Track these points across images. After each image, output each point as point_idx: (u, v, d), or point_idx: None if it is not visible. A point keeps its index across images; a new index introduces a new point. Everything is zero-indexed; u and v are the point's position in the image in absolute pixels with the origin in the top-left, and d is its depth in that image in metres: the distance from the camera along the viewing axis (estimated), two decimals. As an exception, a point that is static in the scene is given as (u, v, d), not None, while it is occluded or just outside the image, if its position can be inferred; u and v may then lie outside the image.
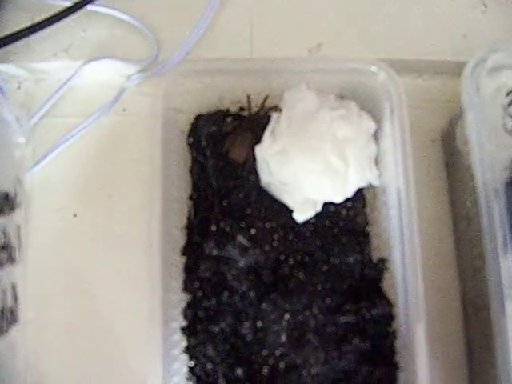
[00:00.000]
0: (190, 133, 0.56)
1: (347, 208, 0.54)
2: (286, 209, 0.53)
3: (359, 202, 0.55)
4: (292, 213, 0.53)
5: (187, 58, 0.59)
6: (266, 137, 0.52)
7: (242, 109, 0.57)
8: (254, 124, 0.55)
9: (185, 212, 0.54)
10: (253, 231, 0.52)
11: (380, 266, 0.52)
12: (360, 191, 0.54)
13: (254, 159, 0.54)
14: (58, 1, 0.57)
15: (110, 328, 0.54)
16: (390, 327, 0.50)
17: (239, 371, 0.49)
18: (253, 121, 0.55)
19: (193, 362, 0.50)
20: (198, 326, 0.50)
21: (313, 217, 0.53)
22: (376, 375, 0.49)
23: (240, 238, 0.51)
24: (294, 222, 0.53)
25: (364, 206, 0.55)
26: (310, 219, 0.53)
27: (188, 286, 0.51)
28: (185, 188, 0.55)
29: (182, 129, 0.56)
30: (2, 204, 0.48)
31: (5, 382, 0.47)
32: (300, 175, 0.51)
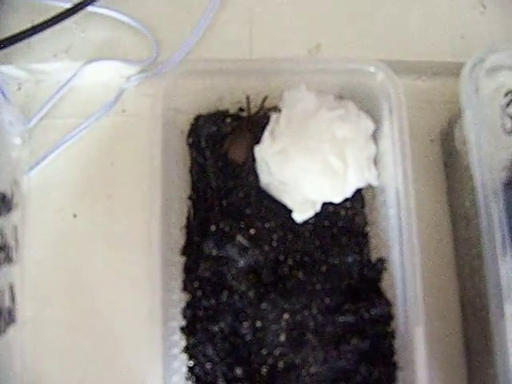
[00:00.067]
0: (190, 133, 0.56)
1: (346, 208, 0.54)
2: (285, 209, 0.53)
3: (358, 202, 0.55)
4: (291, 213, 0.53)
5: (187, 59, 0.59)
6: (266, 137, 0.52)
7: (241, 109, 0.57)
8: (253, 124, 0.55)
9: (184, 212, 0.54)
10: (252, 231, 0.52)
11: (379, 266, 0.52)
12: (359, 191, 0.54)
13: (253, 159, 0.54)
14: (58, 2, 0.58)
15: (109, 328, 0.54)
16: (389, 327, 0.50)
17: (238, 371, 0.49)
18: (252, 121, 0.55)
19: (192, 362, 0.50)
20: (197, 326, 0.50)
21: (312, 217, 0.53)
22: (375, 375, 0.49)
23: (239, 237, 0.51)
24: (293, 222, 0.53)
25: (363, 207, 0.55)
26: (309, 219, 0.53)
27: (187, 286, 0.51)
28: (184, 188, 0.55)
29: (181, 129, 0.56)
30: (-1, 205, 0.48)
31: (2, 382, 0.47)
32: (299, 175, 0.51)
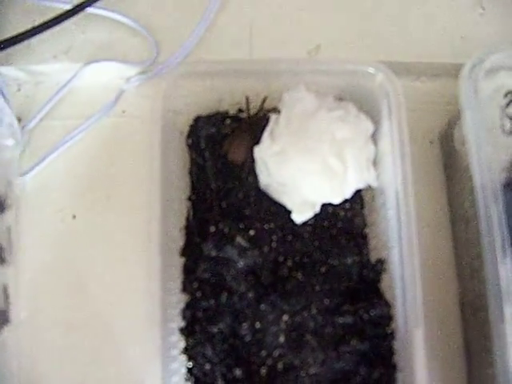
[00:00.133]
0: (190, 134, 0.56)
1: (345, 209, 0.54)
2: (284, 210, 0.53)
3: (357, 203, 0.55)
4: (291, 214, 0.53)
5: (187, 60, 0.59)
6: (265, 138, 0.52)
7: (240, 110, 0.57)
8: (252, 125, 0.55)
9: (184, 213, 0.54)
10: (252, 232, 0.52)
11: (378, 267, 0.52)
12: (358, 192, 0.54)
13: (252, 160, 0.54)
14: (58, 3, 0.58)
15: (108, 328, 0.54)
16: (389, 328, 0.50)
17: (237, 372, 0.49)
18: (251, 122, 0.55)
19: (191, 363, 0.50)
20: (196, 327, 0.50)
21: (311, 218, 0.53)
22: (374, 376, 0.49)
23: (239, 239, 0.51)
24: (292, 223, 0.53)
25: (362, 208, 0.55)
26: (308, 220, 0.53)
27: (187, 287, 0.51)
28: (184, 189, 0.55)
29: (181, 130, 0.56)
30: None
31: (-2, 382, 0.47)
32: (298, 176, 0.51)
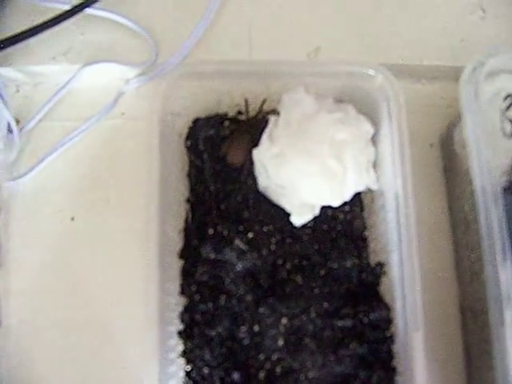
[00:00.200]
0: (188, 136, 0.56)
1: (345, 212, 0.54)
2: (283, 212, 0.53)
3: (357, 206, 0.55)
4: (290, 216, 0.53)
5: (186, 62, 0.59)
6: (264, 140, 0.52)
7: (239, 112, 0.57)
8: (251, 128, 0.55)
9: (182, 215, 0.54)
10: (250, 235, 0.52)
11: (378, 271, 0.52)
12: (358, 195, 0.54)
13: (251, 163, 0.54)
14: (57, 4, 0.58)
15: (106, 331, 0.54)
16: (388, 331, 0.50)
17: (236, 375, 0.48)
18: (251, 124, 0.55)
19: (189, 366, 0.49)
20: (194, 330, 0.50)
21: (310, 221, 0.53)
22: (374, 380, 0.48)
23: (237, 241, 0.51)
24: (291, 225, 0.53)
25: (362, 210, 0.55)
26: (307, 223, 0.53)
27: (185, 290, 0.51)
28: (182, 191, 0.55)
29: (180, 132, 0.56)
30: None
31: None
32: (297, 178, 0.50)
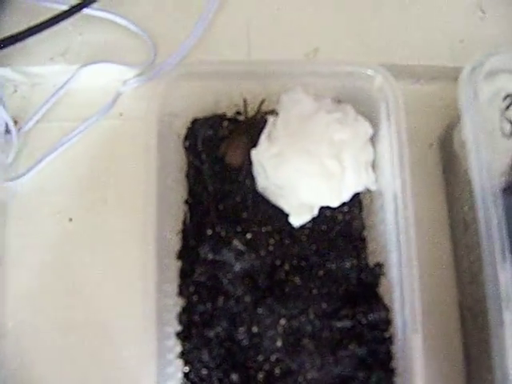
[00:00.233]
0: (187, 136, 0.56)
1: (344, 212, 0.54)
2: (282, 213, 0.53)
3: (356, 206, 0.54)
4: (288, 217, 0.53)
5: (184, 62, 0.59)
6: (263, 140, 0.52)
7: (238, 113, 0.56)
8: (250, 128, 0.54)
9: (181, 216, 0.54)
10: (249, 235, 0.52)
11: (376, 271, 0.52)
12: (356, 196, 0.54)
13: (250, 163, 0.53)
14: (55, 4, 0.58)
15: (104, 332, 0.54)
16: (387, 332, 0.50)
17: (234, 376, 0.48)
18: (249, 125, 0.55)
19: (188, 368, 0.49)
20: (192, 331, 0.49)
21: (309, 221, 0.53)
22: (372, 381, 0.48)
23: (236, 242, 0.50)
24: (290, 226, 0.53)
25: (361, 211, 0.55)
26: (306, 224, 0.53)
27: (183, 291, 0.51)
28: (181, 192, 0.55)
29: (178, 132, 0.56)
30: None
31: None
32: (296, 178, 0.50)
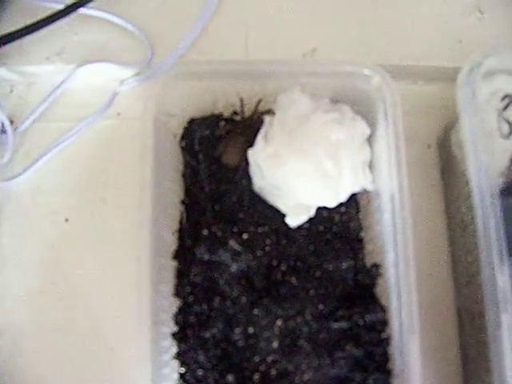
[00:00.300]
0: (183, 136, 0.56)
1: (341, 213, 0.54)
2: (278, 213, 0.53)
3: (353, 207, 0.54)
4: (285, 217, 0.52)
5: (181, 62, 0.59)
6: (259, 140, 0.51)
7: (235, 113, 0.56)
8: (247, 128, 0.54)
9: (177, 216, 0.54)
10: (245, 236, 0.52)
11: (373, 272, 0.52)
12: (354, 196, 0.54)
13: (247, 163, 0.53)
14: (50, 4, 0.57)
15: (100, 332, 0.54)
16: (384, 333, 0.49)
17: (230, 378, 0.48)
18: (246, 125, 0.54)
19: (183, 369, 0.49)
20: (188, 332, 0.49)
21: (306, 222, 0.53)
22: (369, 382, 0.48)
23: (232, 242, 0.50)
24: (286, 226, 0.53)
25: (358, 212, 0.54)
26: (303, 224, 0.53)
27: (179, 291, 0.51)
28: (177, 192, 0.54)
29: (174, 132, 0.56)
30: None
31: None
32: (293, 179, 0.50)
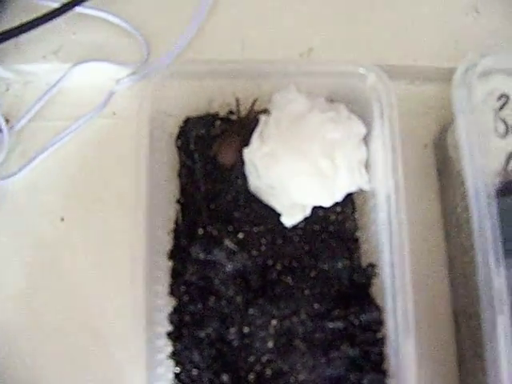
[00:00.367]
0: (179, 136, 0.56)
1: (336, 213, 0.54)
2: (274, 213, 0.52)
3: (348, 206, 0.54)
4: (280, 217, 0.52)
5: (178, 61, 0.59)
6: (255, 139, 0.51)
7: (231, 112, 0.56)
8: (242, 127, 0.54)
9: (172, 215, 0.54)
10: (240, 235, 0.52)
11: (369, 272, 0.51)
12: (349, 196, 0.54)
13: (242, 163, 0.53)
14: (46, 2, 0.57)
15: (94, 332, 0.54)
16: (379, 333, 0.49)
17: (225, 377, 0.48)
18: (242, 124, 0.54)
19: (178, 368, 0.49)
20: (183, 331, 0.49)
21: (301, 221, 0.53)
22: (364, 382, 0.48)
23: (227, 242, 0.50)
24: (282, 226, 0.53)
25: (353, 211, 0.54)
26: (298, 224, 0.53)
27: (174, 291, 0.51)
28: (173, 191, 0.54)
29: (170, 132, 0.55)
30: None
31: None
32: (288, 178, 0.50)
